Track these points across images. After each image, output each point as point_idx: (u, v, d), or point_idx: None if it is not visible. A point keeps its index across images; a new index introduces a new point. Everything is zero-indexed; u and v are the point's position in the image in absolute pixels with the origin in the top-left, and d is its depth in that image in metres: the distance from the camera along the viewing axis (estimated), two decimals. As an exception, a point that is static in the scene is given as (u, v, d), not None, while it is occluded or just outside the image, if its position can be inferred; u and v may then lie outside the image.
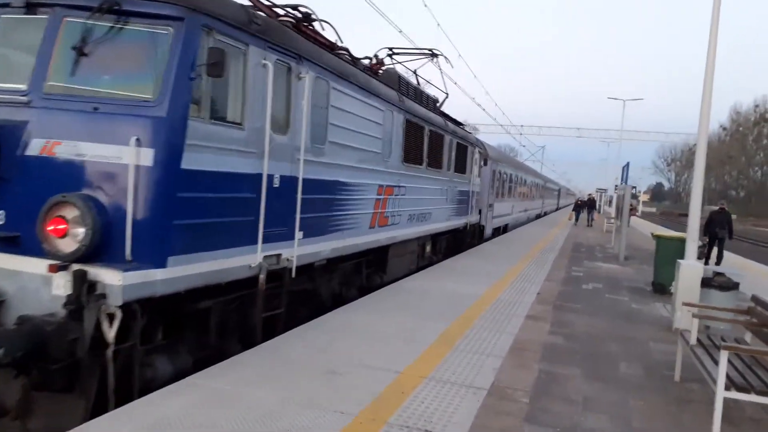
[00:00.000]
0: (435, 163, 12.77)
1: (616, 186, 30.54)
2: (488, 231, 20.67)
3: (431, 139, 12.34)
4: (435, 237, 14.00)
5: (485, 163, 19.17)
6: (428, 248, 13.55)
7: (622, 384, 5.81)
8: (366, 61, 10.58)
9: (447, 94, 15.51)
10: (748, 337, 6.09)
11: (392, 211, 10.18)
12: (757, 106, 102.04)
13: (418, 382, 5.27)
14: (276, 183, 6.25)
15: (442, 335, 6.91)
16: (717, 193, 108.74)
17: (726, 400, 4.52)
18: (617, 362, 6.57)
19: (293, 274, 6.73)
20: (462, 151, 15.49)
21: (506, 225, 25.61)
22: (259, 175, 5.91)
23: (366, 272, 10.02)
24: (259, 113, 5.86)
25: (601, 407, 5.12)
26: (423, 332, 6.97)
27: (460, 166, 15.33)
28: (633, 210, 36.92)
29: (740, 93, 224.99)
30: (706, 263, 15.86)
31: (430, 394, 5.01)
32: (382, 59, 11.73)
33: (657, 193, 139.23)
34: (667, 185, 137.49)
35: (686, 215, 9.24)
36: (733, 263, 18.05)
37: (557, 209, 66.66)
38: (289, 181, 6.53)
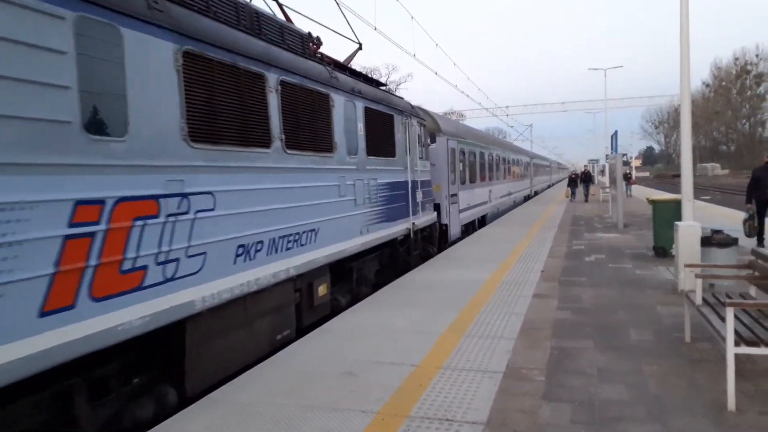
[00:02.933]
0: (311, 142, 7.49)
1: (607, 155, 30.65)
2: (455, 230, 15.93)
3: (294, 99, 7.10)
4: (344, 263, 8.73)
5: (433, 140, 14.60)
6: (323, 289, 7.79)
7: (635, 351, 5.88)
8: None
9: (360, 44, 11.19)
10: (752, 291, 6.16)
11: (160, 253, 4.69)
12: (737, 58, 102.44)
13: (434, 373, 5.34)
14: None
15: (453, 324, 6.98)
16: (708, 149, 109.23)
17: (737, 356, 4.59)
18: (627, 330, 6.65)
19: None
20: (382, 124, 10.16)
21: (484, 216, 20.69)
22: None
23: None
24: None
25: (616, 377, 5.19)
26: (433, 323, 7.03)
27: (382, 147, 10.08)
28: (630, 178, 36.59)
29: (719, 48, 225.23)
30: (761, 241, 11.96)
31: (447, 383, 5.08)
32: None
33: (648, 156, 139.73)
34: (657, 148, 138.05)
35: (680, 176, 9.31)
36: (731, 217, 18.17)
37: (550, 186, 63.72)
38: None
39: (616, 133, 20.74)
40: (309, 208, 7.24)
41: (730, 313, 4.52)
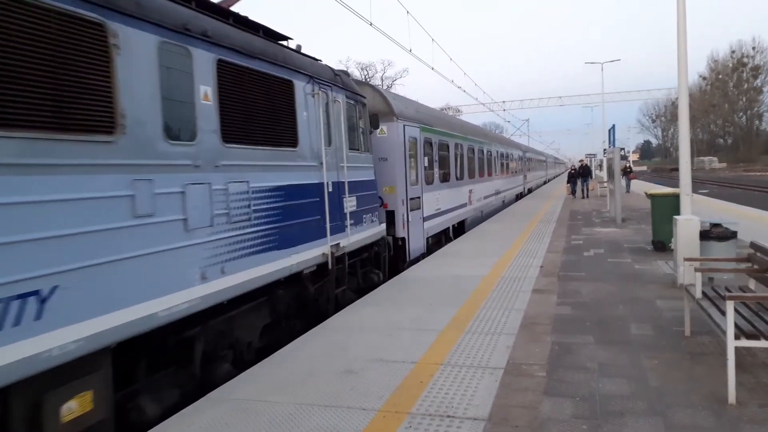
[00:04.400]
0: (44, 112, 3.86)
1: (605, 150, 30.67)
2: (417, 244, 12.08)
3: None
4: (168, 333, 5.12)
5: (376, 126, 10.48)
6: (76, 406, 4.04)
7: (635, 345, 5.89)
8: None
9: None
10: (752, 284, 6.16)
11: None
12: (733, 51, 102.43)
13: (435, 369, 5.34)
14: None
15: (453, 320, 6.98)
16: (705, 143, 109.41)
17: (738, 349, 4.59)
18: (627, 324, 6.65)
19: None
20: (265, 93, 6.66)
21: (462, 222, 17.00)
22: None
23: None
24: None
25: (616, 371, 5.19)
26: (433, 319, 7.03)
27: (267, 130, 6.63)
28: (630, 173, 35.98)
29: (716, 41, 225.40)
30: None
31: (447, 380, 5.08)
32: None
33: (646, 150, 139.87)
34: (654, 142, 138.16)
35: (677, 169, 9.31)
36: (729, 210, 18.20)
37: (546, 182, 59.33)
38: None
39: (613, 127, 20.76)
40: (22, 248, 3.64)
41: (730, 307, 4.52)
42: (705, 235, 8.31)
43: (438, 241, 14.44)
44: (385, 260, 10.56)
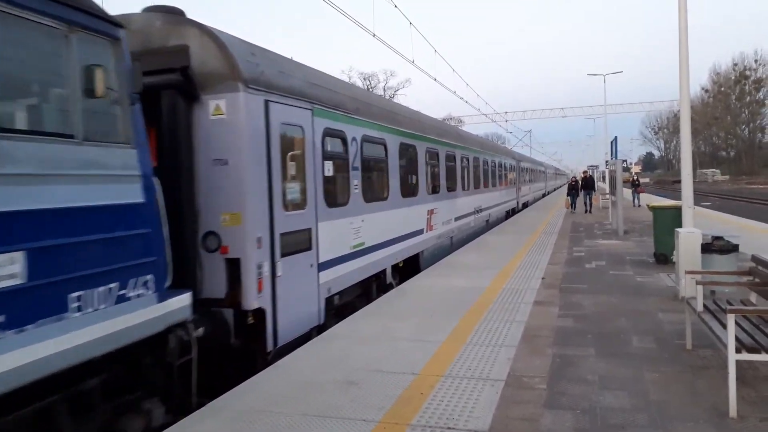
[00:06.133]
0: None
1: (607, 161, 30.67)
2: (296, 316, 6.96)
3: None
4: None
5: (194, 97, 6.19)
6: None
7: (636, 358, 5.88)
8: None
9: None
10: (753, 297, 6.16)
11: None
12: (735, 64, 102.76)
13: (436, 381, 5.33)
14: None
15: (454, 331, 6.97)
16: (707, 155, 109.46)
17: (739, 363, 4.59)
18: (629, 337, 6.64)
19: None
20: None
21: (416, 256, 12.12)
22: None
23: None
24: None
25: (617, 384, 5.18)
26: (434, 331, 7.03)
27: None
28: (638, 186, 34.57)
29: (718, 54, 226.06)
30: None
31: (448, 392, 5.07)
32: None
33: (648, 162, 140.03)
34: (657, 154, 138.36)
35: (680, 182, 9.33)
36: (731, 223, 18.20)
37: (545, 195, 54.65)
38: None
39: (615, 138, 20.77)
40: None
41: (731, 320, 4.52)
42: (707, 248, 8.32)
43: (361, 295, 9.39)
44: (171, 371, 5.12)
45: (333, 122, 8.25)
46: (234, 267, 6.12)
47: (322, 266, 7.72)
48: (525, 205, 34.53)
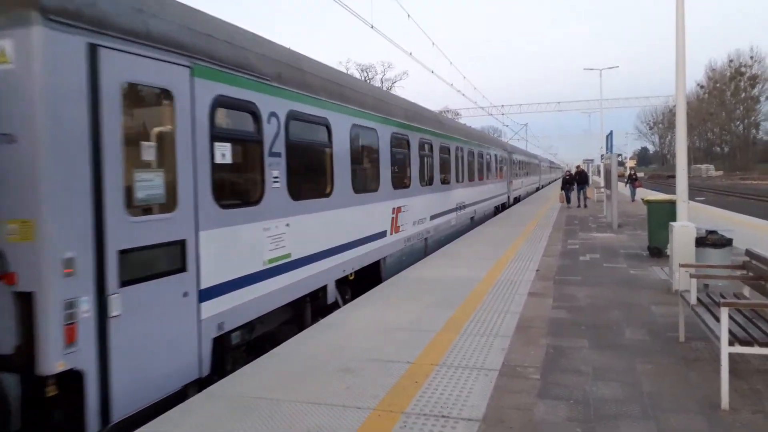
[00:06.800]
0: None
1: (602, 156, 30.72)
2: (153, 372, 4.77)
3: None
4: None
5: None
6: None
7: (629, 350, 5.92)
8: None
9: None
10: (746, 291, 6.21)
11: None
12: (731, 60, 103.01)
13: (430, 370, 5.36)
14: None
15: (449, 321, 7.00)
16: (702, 151, 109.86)
17: (731, 355, 4.63)
18: (622, 329, 6.68)
19: None
20: None
21: (376, 263, 10.07)
22: None
23: None
24: None
25: (610, 375, 5.22)
26: (429, 320, 7.05)
27: None
28: (636, 180, 34.37)
29: (714, 50, 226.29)
30: None
31: (443, 380, 5.10)
32: None
33: (643, 157, 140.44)
34: (651, 149, 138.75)
35: (674, 176, 9.37)
36: (725, 218, 18.29)
37: (539, 189, 52.01)
38: None
39: (611, 133, 20.85)
40: None
41: (724, 313, 4.56)
42: (701, 242, 8.36)
43: (288, 322, 7.28)
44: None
45: (234, 89, 5.99)
46: (25, 305, 4.03)
47: (207, 294, 5.44)
48: (517, 200, 32.87)
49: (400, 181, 11.44)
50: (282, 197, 6.83)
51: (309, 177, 7.85)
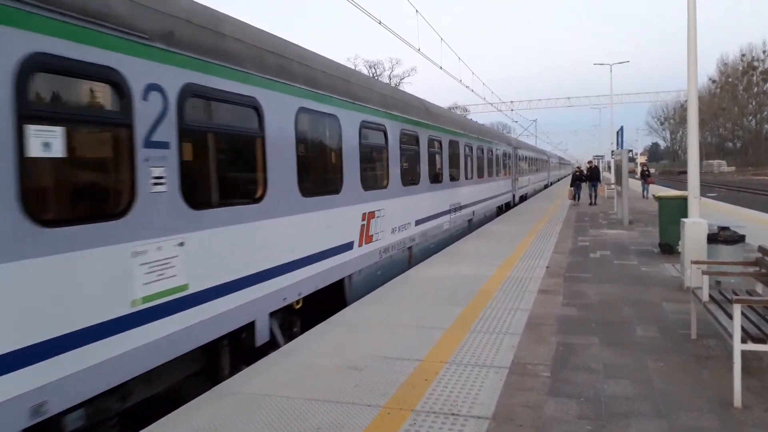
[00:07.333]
0: None
1: (613, 151, 30.53)
2: None
3: None
4: None
5: None
6: None
7: (640, 347, 5.87)
8: None
9: None
10: (759, 288, 6.14)
11: None
12: (743, 55, 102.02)
13: (440, 367, 5.34)
14: None
15: (458, 319, 6.98)
16: (714, 146, 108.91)
17: (744, 353, 4.58)
18: (633, 326, 6.63)
19: None
20: None
21: (339, 282, 8.21)
22: None
23: None
24: None
25: (621, 373, 5.18)
26: (438, 318, 7.04)
27: None
28: (648, 176, 33.93)
29: (726, 44, 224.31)
30: None
31: (452, 378, 5.08)
32: None
33: (654, 153, 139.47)
34: (663, 144, 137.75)
35: (686, 172, 9.28)
36: (737, 214, 18.12)
37: (547, 186, 49.31)
38: None
39: (621, 129, 20.69)
40: None
41: (737, 310, 4.51)
42: (713, 239, 8.28)
43: (206, 368, 5.74)
44: None
45: (67, 44, 3.99)
46: None
47: (13, 362, 3.57)
48: (523, 198, 30.63)
49: (374, 181, 9.62)
50: (169, 205, 4.89)
51: (223, 176, 5.95)
